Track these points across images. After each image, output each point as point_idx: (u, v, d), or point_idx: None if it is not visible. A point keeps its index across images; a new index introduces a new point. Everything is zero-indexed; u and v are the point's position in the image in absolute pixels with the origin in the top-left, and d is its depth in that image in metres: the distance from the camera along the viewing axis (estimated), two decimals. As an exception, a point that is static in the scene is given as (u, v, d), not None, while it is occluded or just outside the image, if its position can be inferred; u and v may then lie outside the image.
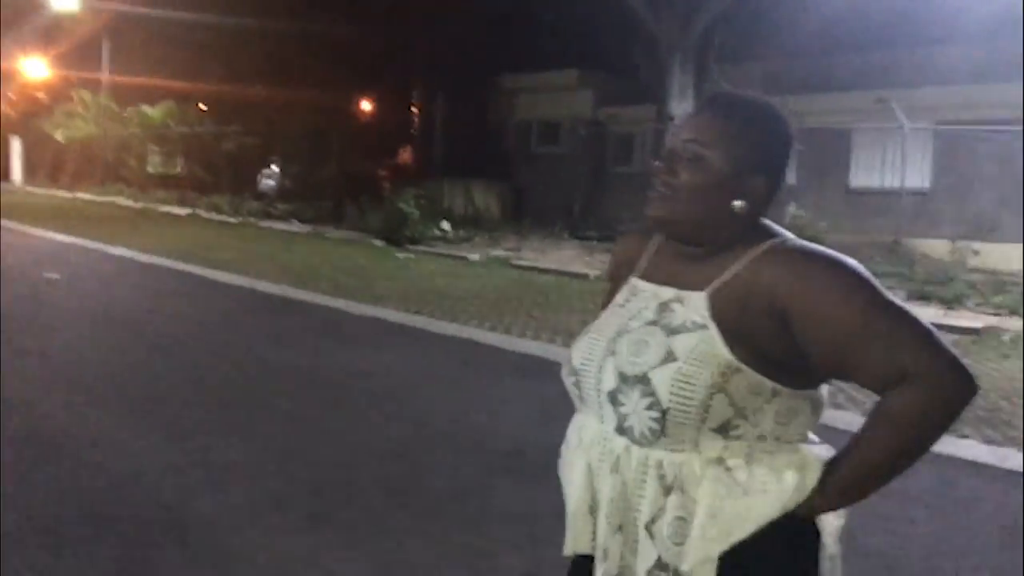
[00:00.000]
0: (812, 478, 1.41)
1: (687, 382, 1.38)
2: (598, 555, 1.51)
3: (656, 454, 1.42)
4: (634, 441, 1.44)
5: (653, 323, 1.46)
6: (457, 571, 3.40)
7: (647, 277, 1.56)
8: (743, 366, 1.39)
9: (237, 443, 4.79)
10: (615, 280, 1.67)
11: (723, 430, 1.40)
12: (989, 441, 5.16)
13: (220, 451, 4.64)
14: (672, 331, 1.43)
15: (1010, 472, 4.73)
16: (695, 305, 1.44)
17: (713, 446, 1.41)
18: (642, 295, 1.54)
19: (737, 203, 1.44)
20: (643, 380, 1.41)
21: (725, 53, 16.56)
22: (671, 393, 1.38)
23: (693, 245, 1.50)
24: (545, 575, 3.08)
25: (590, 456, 1.51)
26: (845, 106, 16.14)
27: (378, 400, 5.83)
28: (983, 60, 14.86)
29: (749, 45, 17.01)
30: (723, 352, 1.39)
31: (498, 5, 20.59)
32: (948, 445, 5.10)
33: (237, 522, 3.75)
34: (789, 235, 1.47)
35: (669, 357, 1.40)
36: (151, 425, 5.09)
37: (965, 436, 5.24)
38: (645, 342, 1.43)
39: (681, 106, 15.72)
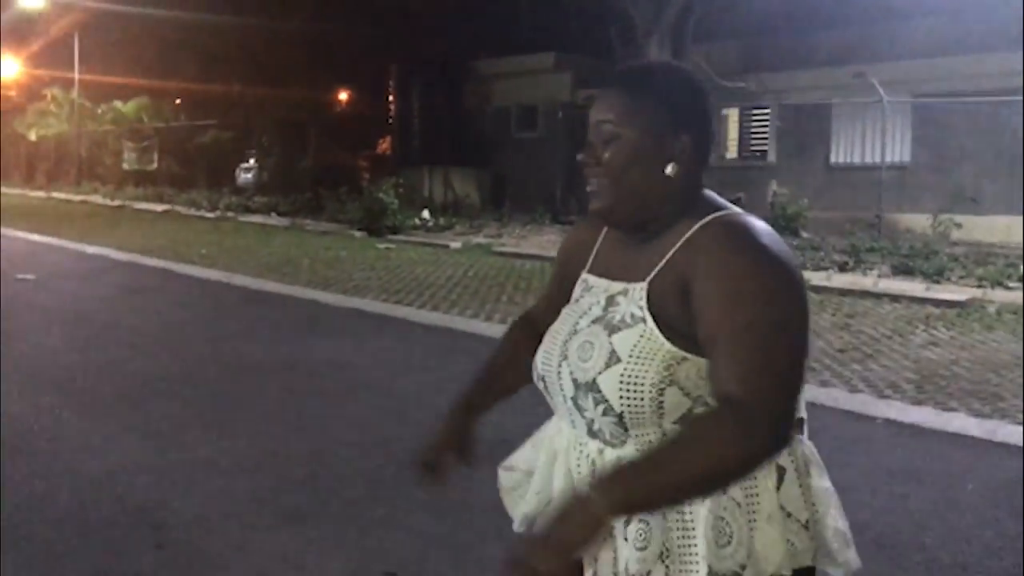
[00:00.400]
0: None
1: (633, 383, 1.32)
2: (585, 560, 1.42)
3: (628, 453, 1.38)
4: (606, 443, 1.40)
5: (598, 321, 1.41)
6: (440, 564, 3.31)
7: (597, 271, 1.50)
8: (688, 354, 1.32)
9: (214, 440, 4.68)
10: (565, 269, 1.61)
11: (686, 420, 1.34)
12: (977, 414, 5.12)
13: (196, 449, 4.53)
14: (613, 328, 1.37)
15: (999, 445, 4.68)
16: (635, 297, 1.38)
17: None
18: (593, 291, 1.48)
19: (669, 168, 1.37)
20: (593, 387, 1.36)
21: (701, 32, 16.47)
22: (620, 397, 1.33)
23: (638, 231, 1.43)
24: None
25: (568, 462, 1.46)
26: (824, 82, 16.09)
27: (359, 392, 5.73)
28: (959, 31, 14.84)
29: (726, 24, 16.93)
30: (664, 344, 1.33)
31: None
32: (935, 418, 5.06)
33: (214, 521, 3.65)
34: (734, 209, 1.40)
35: (612, 359, 1.35)
36: (125, 424, 4.97)
37: (953, 409, 5.19)
38: (591, 344, 1.38)
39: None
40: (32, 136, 33.54)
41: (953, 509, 3.81)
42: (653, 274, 1.38)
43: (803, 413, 1.43)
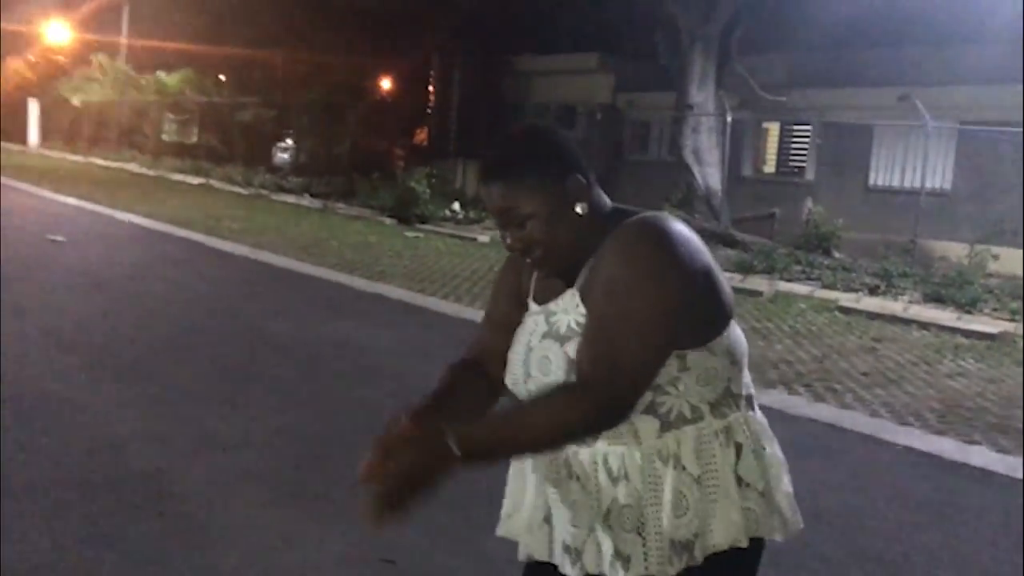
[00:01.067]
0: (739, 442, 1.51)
1: None
2: (567, 558, 1.56)
3: (600, 448, 1.50)
4: (580, 446, 1.52)
5: (547, 335, 1.52)
6: (441, 554, 3.28)
7: (538, 299, 1.61)
8: None
9: (227, 414, 4.68)
10: (504, 276, 1.73)
11: (651, 411, 1.47)
12: (1001, 449, 5.00)
13: (207, 421, 4.53)
14: (563, 339, 1.49)
15: (1019, 482, 4.56)
16: (568, 305, 1.51)
17: (651, 428, 1.47)
18: (534, 314, 1.59)
19: (578, 208, 1.50)
20: None
21: (747, 44, 16.29)
22: None
23: (574, 265, 1.54)
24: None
25: (543, 469, 1.57)
26: (867, 102, 15.86)
27: (374, 376, 5.70)
28: (1009, 60, 14.57)
29: (772, 36, 16.74)
30: None
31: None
32: (957, 450, 4.94)
33: (217, 494, 3.64)
34: (648, 214, 1.50)
35: (571, 365, 1.46)
36: (139, 391, 4.98)
37: (976, 442, 5.08)
38: (547, 358, 1.51)
39: (700, 95, 15.49)
40: (76, 101, 33.89)
41: (967, 544, 3.71)
42: (580, 281, 1.51)
43: (751, 389, 1.58)
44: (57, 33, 38.21)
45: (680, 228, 1.47)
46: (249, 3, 24.90)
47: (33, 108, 36.66)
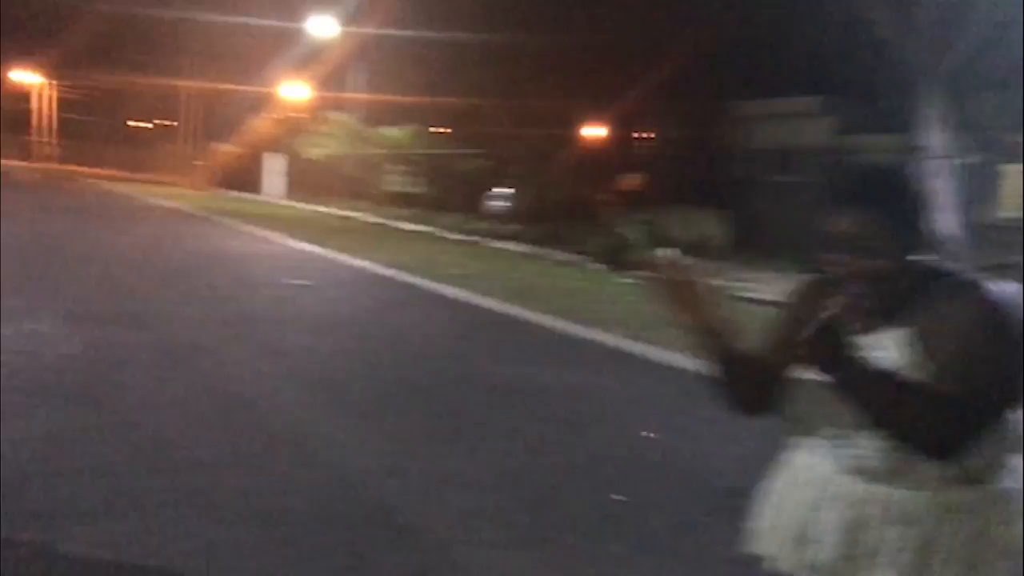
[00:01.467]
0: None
1: None
2: None
3: (884, 490, 1.59)
4: (869, 479, 1.61)
5: None
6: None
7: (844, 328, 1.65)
8: None
9: (459, 453, 4.88)
10: (803, 300, 1.84)
11: (962, 462, 1.57)
12: None
13: (441, 460, 4.75)
14: None
15: None
16: (894, 342, 1.60)
17: (945, 476, 1.57)
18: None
19: (916, 254, 1.66)
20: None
21: (980, 82, 15.26)
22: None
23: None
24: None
25: (818, 493, 1.67)
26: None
27: (594, 424, 5.77)
28: None
29: (1006, 73, 15.60)
30: None
31: (732, 33, 20.15)
32: None
33: (453, 532, 3.80)
34: (980, 276, 1.63)
35: None
36: (380, 429, 5.30)
37: None
38: None
39: (932, 136, 14.65)
40: (312, 155, 36.74)
41: None
42: (911, 323, 1.60)
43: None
44: (296, 92, 41.74)
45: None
46: (469, 59, 26.16)
47: (275, 162, 40.15)
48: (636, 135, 22.97)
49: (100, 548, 3.36)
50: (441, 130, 30.00)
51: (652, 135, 22.36)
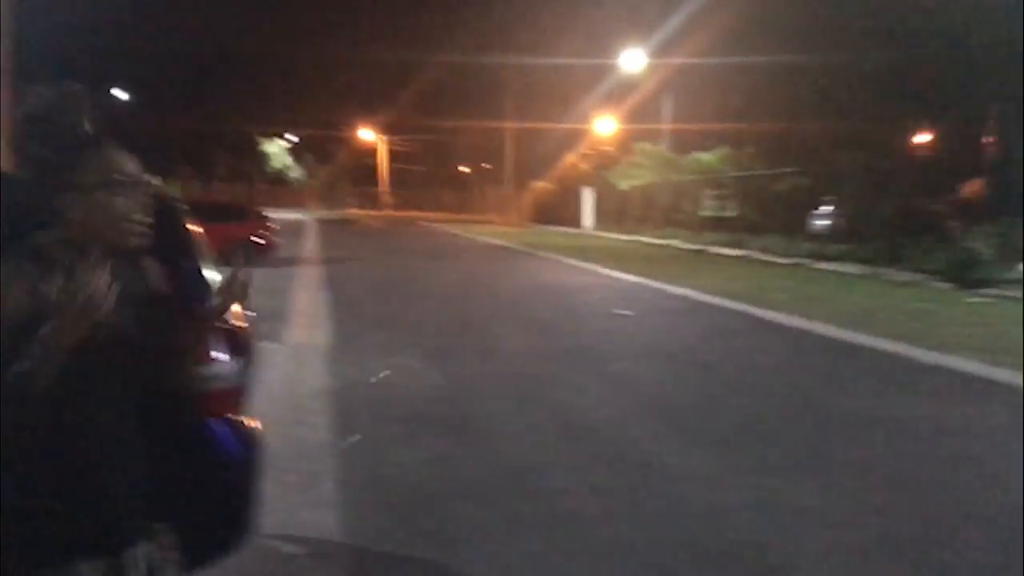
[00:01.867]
0: None
1: None
2: None
3: None
4: None
5: None
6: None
7: None
8: None
9: (817, 489, 4.72)
10: None
11: None
12: None
13: (800, 496, 4.61)
14: None
15: None
16: None
17: None
18: None
19: None
20: None
21: None
22: None
23: None
24: None
25: None
26: None
27: (958, 459, 5.32)
28: None
29: None
30: None
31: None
32: None
33: (824, 573, 3.67)
34: None
35: None
36: (728, 460, 5.25)
37: None
38: None
39: None
40: (623, 186, 37.47)
41: None
42: None
43: None
44: (605, 127, 42.90)
45: None
46: (779, 75, 25.41)
47: (587, 195, 41.45)
48: (977, 140, 20.94)
49: (493, 570, 3.64)
50: (752, 150, 29.35)
51: (996, 139, 20.25)
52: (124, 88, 45.26)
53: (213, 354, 2.61)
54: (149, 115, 43.52)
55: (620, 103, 40.64)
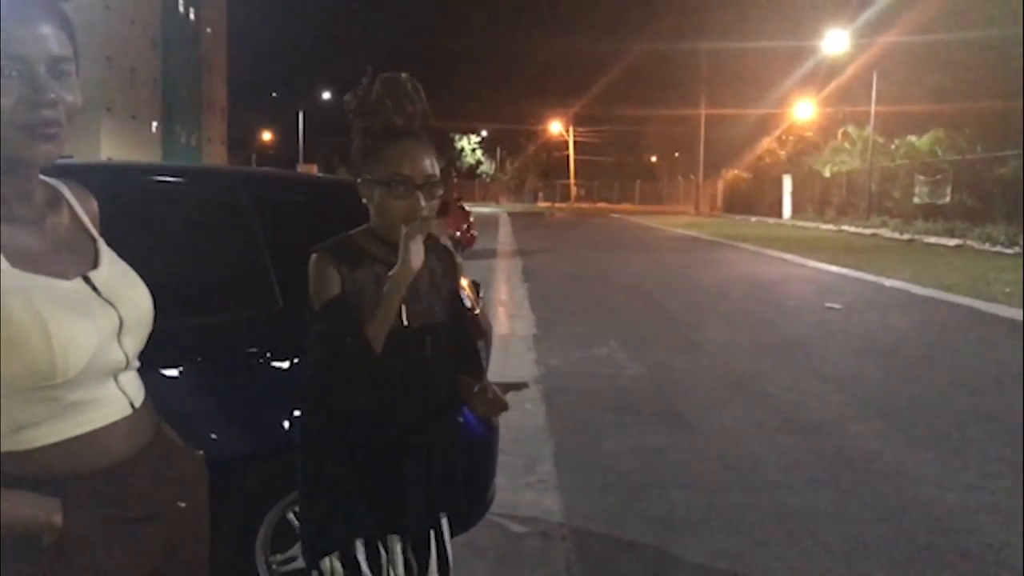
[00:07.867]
0: None
1: None
2: None
3: None
4: None
5: None
6: None
7: None
8: None
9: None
10: None
11: None
12: None
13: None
14: None
15: None
16: None
17: None
18: None
19: None
20: None
21: None
22: None
23: None
24: None
25: None
26: None
27: None
28: None
29: None
30: None
31: None
32: None
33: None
34: None
35: None
36: (959, 460, 4.97)
37: None
38: None
39: None
40: (826, 173, 35.89)
41: None
42: None
43: None
44: (804, 111, 41.24)
45: None
46: (994, 50, 23.58)
47: (786, 183, 39.98)
48: None
49: (717, 559, 3.64)
50: (966, 131, 27.32)
51: None
52: (329, 90, 47.97)
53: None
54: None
55: (821, 86, 38.96)
